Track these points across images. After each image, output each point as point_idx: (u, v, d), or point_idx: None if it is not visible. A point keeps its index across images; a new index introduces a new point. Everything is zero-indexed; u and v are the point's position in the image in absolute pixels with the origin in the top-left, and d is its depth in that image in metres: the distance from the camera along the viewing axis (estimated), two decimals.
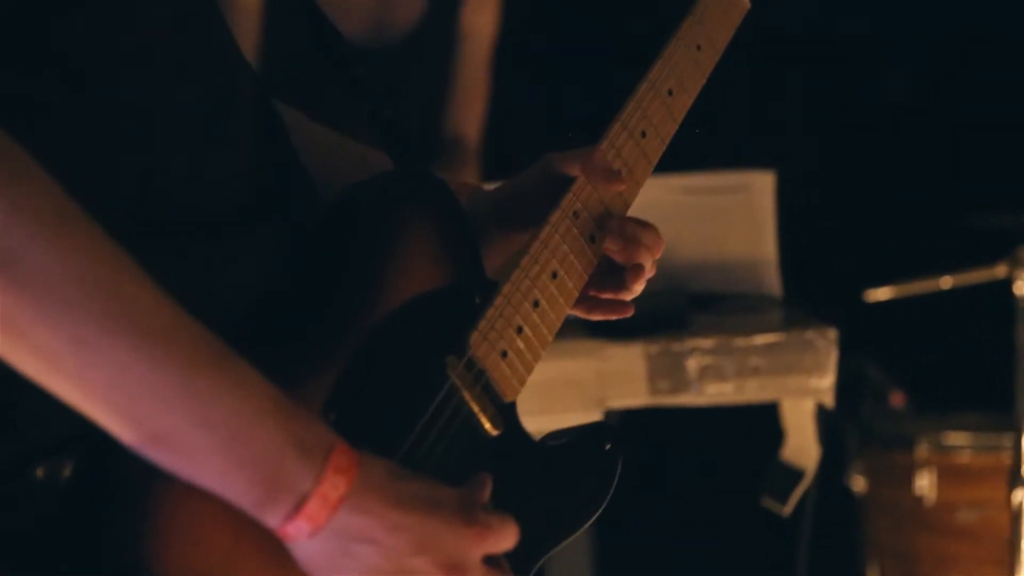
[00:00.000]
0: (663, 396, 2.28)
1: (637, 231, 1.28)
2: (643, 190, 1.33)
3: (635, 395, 2.28)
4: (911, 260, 3.04)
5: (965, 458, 3.04)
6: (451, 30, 3.04)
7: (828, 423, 2.53)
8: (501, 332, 1.19)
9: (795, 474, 2.42)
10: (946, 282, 2.89)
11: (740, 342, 2.27)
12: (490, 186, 1.40)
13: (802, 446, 2.42)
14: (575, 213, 1.26)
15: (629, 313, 1.32)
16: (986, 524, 3.00)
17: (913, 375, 3.29)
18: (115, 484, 1.01)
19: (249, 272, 1.11)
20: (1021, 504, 2.77)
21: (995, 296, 2.87)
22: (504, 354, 1.19)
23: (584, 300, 1.31)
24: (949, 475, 3.04)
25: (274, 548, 1.03)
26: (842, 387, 2.39)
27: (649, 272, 1.29)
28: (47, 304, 0.93)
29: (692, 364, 2.28)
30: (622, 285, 1.29)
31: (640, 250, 1.28)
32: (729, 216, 2.46)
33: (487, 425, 1.17)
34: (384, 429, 1.12)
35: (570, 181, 1.28)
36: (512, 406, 1.21)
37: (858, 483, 3.19)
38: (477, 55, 3.06)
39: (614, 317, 1.33)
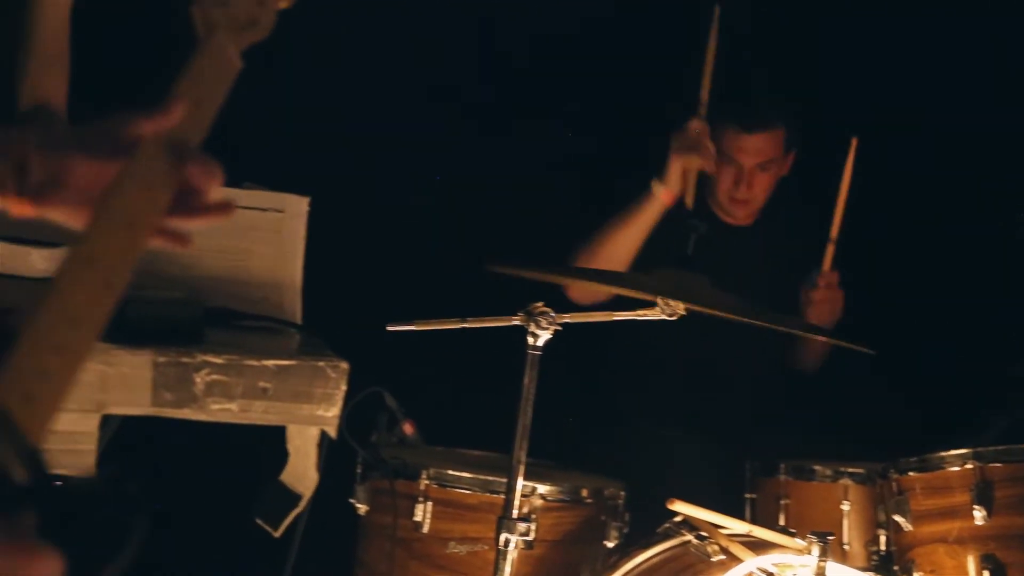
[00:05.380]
0: (166, 408, 2.25)
1: (210, 161, 1.41)
2: None
3: (137, 403, 2.24)
4: (436, 300, 3.12)
5: (463, 494, 3.14)
6: None
7: (339, 443, 2.56)
8: (23, 377, 1.19)
9: (291, 498, 2.44)
10: (465, 323, 2.99)
11: (251, 363, 2.27)
12: None
13: (302, 472, 2.44)
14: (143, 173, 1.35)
15: (188, 245, 1.44)
16: (474, 558, 3.11)
17: (426, 409, 3.39)
18: None
19: None
20: (507, 543, 2.89)
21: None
22: (28, 399, 1.19)
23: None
24: (446, 508, 3.13)
25: None
26: (357, 411, 2.43)
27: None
28: None
29: (200, 379, 2.26)
30: (195, 210, 1.42)
31: (208, 176, 1.41)
32: (258, 235, 2.45)
33: (15, 469, 1.16)
34: None
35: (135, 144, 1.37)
36: (39, 451, 1.20)
37: (361, 506, 3.24)
38: (55, 16, 2.96)
39: (174, 247, 1.44)
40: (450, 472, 3.12)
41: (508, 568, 2.88)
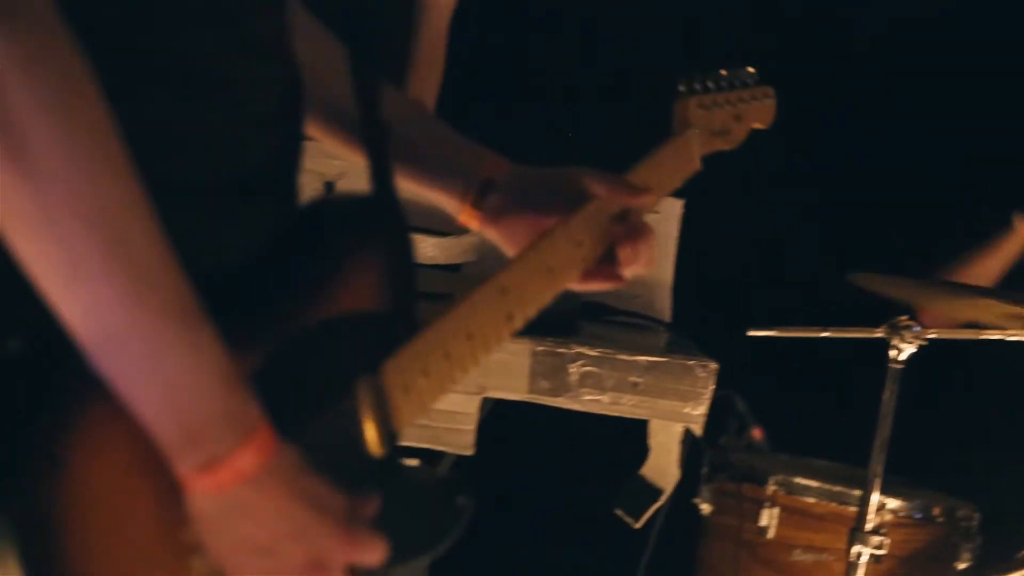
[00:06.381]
0: (541, 395, 2.34)
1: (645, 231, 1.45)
2: None
3: (514, 389, 2.34)
4: (796, 307, 3.12)
5: (810, 503, 3.12)
6: None
7: (690, 442, 2.60)
8: (410, 369, 1.27)
9: (652, 492, 2.49)
10: (826, 332, 2.97)
11: (623, 357, 2.33)
12: None
13: (664, 467, 2.50)
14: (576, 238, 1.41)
15: (622, 284, 1.47)
16: (819, 568, 3.09)
17: (778, 415, 3.39)
18: (53, 373, 1.07)
19: (229, 241, 1.20)
20: (859, 556, 2.87)
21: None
22: (407, 389, 1.26)
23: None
24: (792, 515, 3.12)
25: (165, 484, 1.10)
26: (708, 412, 2.47)
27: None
28: (55, 219, 1.01)
29: (574, 369, 2.34)
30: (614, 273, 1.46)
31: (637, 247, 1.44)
32: None
33: (375, 445, 1.25)
34: (286, 421, 1.17)
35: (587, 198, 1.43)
36: (397, 435, 1.28)
37: (705, 506, 3.27)
38: (437, 24, 3.10)
39: (606, 287, 1.47)
40: (799, 480, 3.11)
41: None
